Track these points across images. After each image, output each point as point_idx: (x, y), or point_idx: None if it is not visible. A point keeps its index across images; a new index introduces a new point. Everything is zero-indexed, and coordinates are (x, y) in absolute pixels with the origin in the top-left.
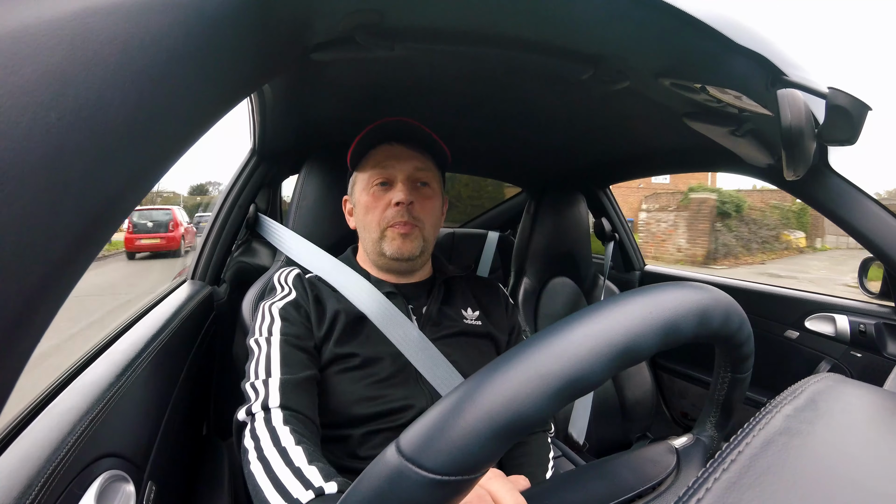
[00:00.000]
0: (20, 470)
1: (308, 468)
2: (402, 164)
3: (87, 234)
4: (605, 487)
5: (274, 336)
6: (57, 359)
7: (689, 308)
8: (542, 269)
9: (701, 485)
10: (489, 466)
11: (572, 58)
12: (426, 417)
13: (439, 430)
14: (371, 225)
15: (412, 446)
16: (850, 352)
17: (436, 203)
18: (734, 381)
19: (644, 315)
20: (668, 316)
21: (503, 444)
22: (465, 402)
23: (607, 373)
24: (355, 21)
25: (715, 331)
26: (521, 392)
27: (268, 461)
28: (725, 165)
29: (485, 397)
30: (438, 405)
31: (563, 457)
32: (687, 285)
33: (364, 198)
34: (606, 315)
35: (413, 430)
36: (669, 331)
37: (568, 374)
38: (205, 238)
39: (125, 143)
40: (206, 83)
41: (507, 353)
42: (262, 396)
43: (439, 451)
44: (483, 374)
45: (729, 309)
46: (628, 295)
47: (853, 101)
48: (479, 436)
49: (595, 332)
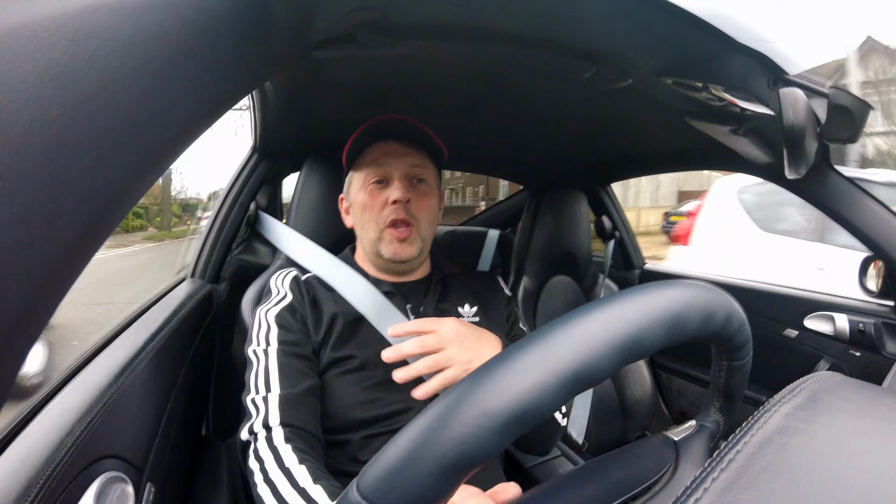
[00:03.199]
0: (19, 471)
1: (313, 488)
2: (398, 162)
3: (87, 231)
4: (598, 491)
5: (271, 346)
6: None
7: (693, 306)
8: (542, 267)
9: (699, 485)
10: (445, 501)
11: (574, 56)
12: (380, 456)
13: (391, 469)
14: (369, 224)
15: (369, 486)
16: (849, 351)
17: (432, 200)
18: (732, 369)
19: (600, 332)
20: (631, 330)
21: (453, 481)
22: (413, 440)
23: (558, 403)
24: (357, 19)
25: (716, 331)
26: (464, 431)
27: (274, 484)
28: (727, 164)
29: (431, 435)
30: (391, 443)
31: (563, 456)
32: (692, 284)
33: (360, 196)
34: (556, 339)
35: (370, 470)
36: (631, 349)
37: (512, 408)
38: (205, 236)
39: (126, 140)
40: (207, 80)
41: (453, 388)
42: (263, 414)
43: (394, 489)
44: (431, 412)
45: (730, 310)
46: (588, 309)
47: (854, 101)
48: (427, 474)
49: (544, 361)
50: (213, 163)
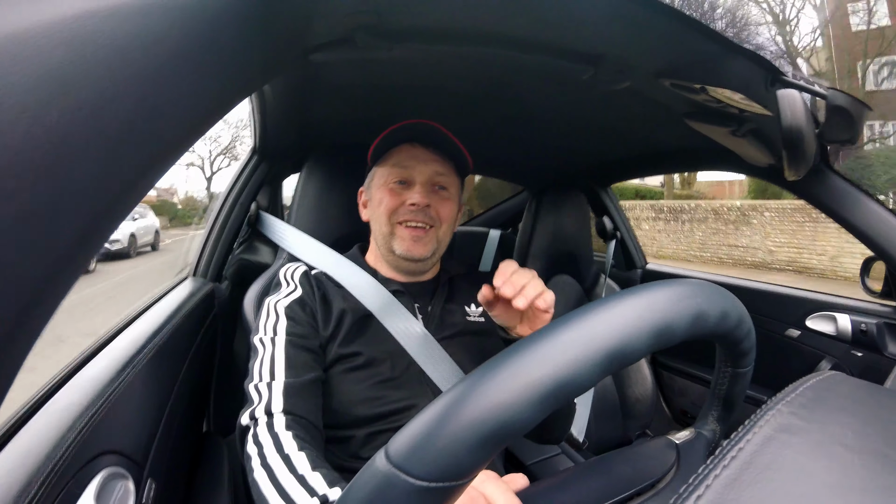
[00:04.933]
0: (20, 467)
1: (312, 475)
2: (423, 167)
3: (86, 233)
4: (604, 485)
5: (279, 336)
6: None
7: (681, 307)
8: (543, 267)
9: (701, 481)
10: (477, 472)
11: (572, 58)
12: (414, 423)
13: (426, 436)
14: (382, 217)
15: (400, 453)
16: (851, 351)
17: (452, 207)
18: (735, 376)
19: (635, 317)
20: (658, 318)
21: (489, 451)
22: (452, 408)
23: (596, 378)
24: (354, 22)
25: (711, 328)
26: (505, 400)
27: (271, 468)
28: (726, 165)
29: (471, 404)
30: (426, 410)
31: (563, 454)
32: (678, 283)
33: (379, 193)
34: (595, 319)
35: (401, 437)
36: (662, 332)
37: (553, 380)
38: (206, 235)
39: (125, 143)
40: (205, 84)
41: (494, 359)
42: (266, 400)
43: (426, 457)
44: (470, 381)
45: (726, 305)
46: (621, 296)
47: (853, 102)
48: (464, 443)
49: (583, 337)
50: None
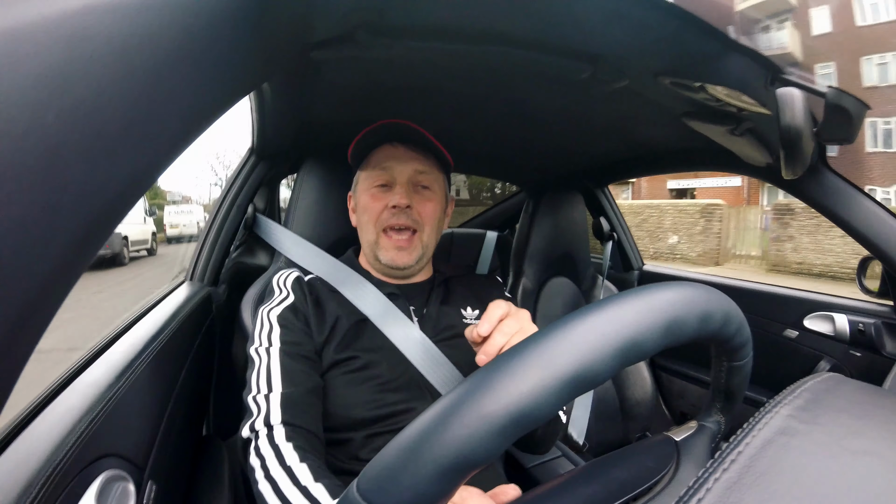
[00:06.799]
0: (20, 470)
1: (315, 486)
2: (402, 167)
3: (85, 233)
4: (600, 491)
5: (273, 346)
6: None
7: (691, 308)
8: (540, 268)
9: (701, 485)
10: (445, 500)
11: (571, 57)
12: (381, 457)
13: (391, 469)
14: (367, 226)
15: (370, 487)
16: (849, 351)
17: (437, 206)
18: (732, 370)
19: (642, 316)
20: (667, 317)
21: (453, 481)
22: (416, 441)
23: (561, 404)
24: (355, 19)
25: (715, 332)
26: (463, 433)
27: (275, 481)
28: (724, 165)
29: (432, 436)
30: (392, 443)
31: (563, 457)
32: (689, 285)
33: (364, 198)
34: (553, 343)
35: (370, 471)
36: (670, 331)
37: (511, 411)
38: (203, 239)
39: (123, 142)
40: (204, 82)
41: (455, 389)
42: (265, 412)
43: (392, 490)
44: (431, 412)
45: (728, 311)
46: (621, 296)
47: (852, 101)
48: (425, 476)
49: (543, 363)
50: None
